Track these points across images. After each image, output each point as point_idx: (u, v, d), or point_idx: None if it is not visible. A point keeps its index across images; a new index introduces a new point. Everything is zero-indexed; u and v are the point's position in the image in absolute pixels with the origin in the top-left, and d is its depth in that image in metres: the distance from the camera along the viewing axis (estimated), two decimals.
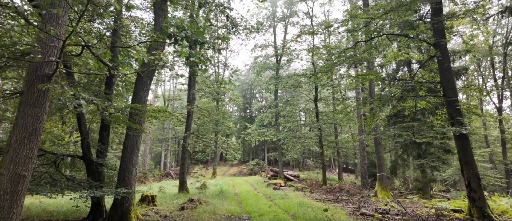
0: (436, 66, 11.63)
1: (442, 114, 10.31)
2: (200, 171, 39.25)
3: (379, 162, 16.41)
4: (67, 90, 3.90)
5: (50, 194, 6.16)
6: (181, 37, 3.99)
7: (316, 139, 25.56)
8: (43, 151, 8.52)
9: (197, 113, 18.88)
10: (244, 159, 48.61)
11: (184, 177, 15.98)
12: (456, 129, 8.34)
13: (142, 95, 8.81)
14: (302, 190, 18.71)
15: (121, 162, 8.46)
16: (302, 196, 15.47)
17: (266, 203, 12.76)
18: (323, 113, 26.38)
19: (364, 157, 20.97)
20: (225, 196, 14.60)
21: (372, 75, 10.89)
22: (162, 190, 17.24)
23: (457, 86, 13.77)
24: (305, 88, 26.87)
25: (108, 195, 7.59)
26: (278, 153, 27.03)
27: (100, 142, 9.56)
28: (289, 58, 27.96)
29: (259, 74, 28.83)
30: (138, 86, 8.84)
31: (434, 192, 18.33)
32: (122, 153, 8.57)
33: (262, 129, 30.91)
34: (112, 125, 10.97)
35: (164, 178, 27.63)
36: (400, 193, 18.18)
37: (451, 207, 11.53)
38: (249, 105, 51.41)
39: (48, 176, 7.80)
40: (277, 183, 20.65)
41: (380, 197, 15.59)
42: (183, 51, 4.87)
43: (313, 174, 32.02)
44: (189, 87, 16.59)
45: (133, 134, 8.53)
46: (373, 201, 14.66)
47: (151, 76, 8.97)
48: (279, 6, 31.26)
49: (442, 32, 9.67)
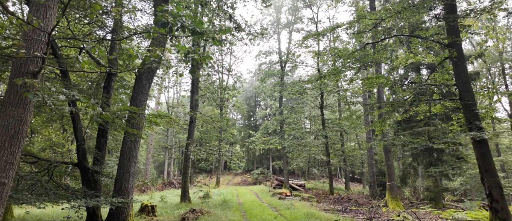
0: (450, 68, 11.10)
1: (457, 119, 9.71)
2: (204, 180, 38.62)
3: (389, 170, 15.73)
4: (48, 86, 3.46)
5: (38, 204, 5.67)
6: (176, 26, 3.55)
7: (322, 147, 24.90)
8: (36, 158, 8.10)
9: (200, 120, 18.43)
10: (248, 168, 47.86)
11: (186, 186, 15.43)
12: (477, 133, 7.75)
13: (140, 99, 8.38)
14: (309, 199, 18.01)
15: (118, 170, 7.98)
16: (309, 206, 14.81)
17: (272, 213, 12.14)
18: (329, 121, 25.77)
19: (373, 166, 20.26)
20: (229, 206, 14.00)
21: (382, 78, 10.37)
22: (164, 199, 16.70)
23: None
24: (311, 94, 26.36)
25: (103, 205, 7.09)
26: (283, 161, 26.38)
27: (97, 148, 9.10)
28: (294, 65, 27.54)
29: (264, 81, 28.37)
30: (137, 89, 8.42)
31: (446, 202, 17.53)
32: (119, 160, 8.11)
33: (267, 136, 30.34)
34: (111, 131, 10.54)
35: (166, 187, 27.06)
36: (410, 203, 17.40)
37: (468, 218, 10.83)
38: (253, 113, 50.89)
39: (40, 184, 7.34)
40: (282, 192, 19.99)
41: (391, 207, 14.86)
42: (181, 45, 4.43)
43: (319, 184, 31.21)
44: (192, 93, 16.17)
45: (130, 139, 8.08)
46: (384, 211, 13.95)
47: (150, 78, 8.55)
48: (284, 13, 31.02)
49: (457, 31, 9.16)
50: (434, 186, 16.30)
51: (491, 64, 25.04)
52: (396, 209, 14.56)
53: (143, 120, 8.36)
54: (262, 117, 46.12)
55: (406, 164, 17.89)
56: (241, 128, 50.40)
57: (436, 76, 9.71)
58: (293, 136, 25.37)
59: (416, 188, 20.81)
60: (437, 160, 15.67)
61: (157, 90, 27.20)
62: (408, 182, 17.81)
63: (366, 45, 10.32)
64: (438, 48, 10.24)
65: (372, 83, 10.24)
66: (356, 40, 12.57)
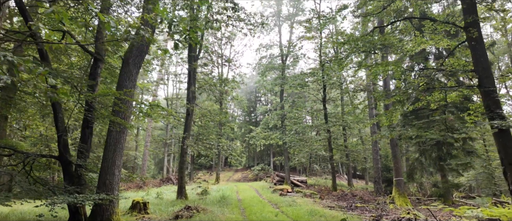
0: (466, 53, 10.28)
1: (475, 108, 8.90)
2: (204, 176, 37.96)
3: (396, 165, 14.95)
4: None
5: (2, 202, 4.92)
6: None
7: (324, 142, 24.13)
8: (12, 150, 7.35)
9: (198, 114, 17.62)
10: (249, 164, 47.14)
11: (182, 182, 14.69)
12: (501, 122, 6.94)
13: (127, 86, 7.60)
14: (311, 196, 17.27)
15: (102, 163, 7.23)
16: (311, 203, 14.06)
17: (272, 211, 11.40)
18: (332, 114, 24.94)
19: (378, 161, 19.48)
20: (227, 203, 13.26)
21: (392, 65, 9.56)
22: (160, 196, 15.98)
23: None
24: (313, 88, 25.54)
25: (83, 203, 6.34)
26: (284, 157, 25.61)
27: (82, 140, 8.34)
28: (295, 58, 26.66)
29: (264, 75, 27.52)
30: (123, 74, 7.64)
31: (455, 198, 16.76)
32: (103, 152, 7.35)
33: (267, 132, 29.55)
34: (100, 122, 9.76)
35: (164, 183, 26.35)
36: (417, 200, 16.62)
37: (484, 216, 10.05)
38: (253, 108, 50.06)
39: (15, 180, 6.60)
40: (283, 188, 19.24)
41: (398, 204, 14.10)
42: (159, 9, 3.64)
43: (321, 180, 30.46)
44: (189, 84, 15.34)
45: (116, 130, 7.31)
46: (391, 208, 13.19)
47: (138, 62, 7.76)
48: (285, 4, 30.08)
49: (475, 10, 8.33)
50: (443, 182, 15.52)
51: (501, 56, 24.18)
52: (403, 206, 13.80)
53: (130, 109, 7.59)
54: (263, 112, 45.29)
55: (412, 159, 17.10)
56: (242, 124, 49.65)
57: (451, 62, 8.88)
58: (294, 130, 24.57)
59: (422, 184, 20.02)
60: (447, 155, 14.88)
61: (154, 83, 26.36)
62: (415, 178, 17.03)
63: (375, 29, 9.50)
64: (453, 31, 9.39)
65: (379, 71, 9.41)
66: (361, 27, 11.73)
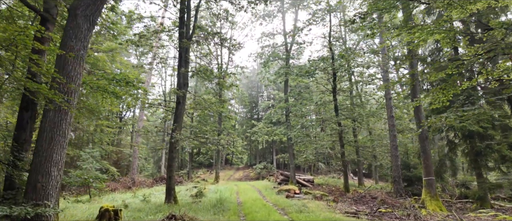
0: None
1: None
2: (204, 175, 35.71)
3: (426, 162, 12.55)
4: None
5: None
6: None
7: (335, 136, 21.74)
8: None
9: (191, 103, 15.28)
10: (250, 163, 44.77)
11: (171, 182, 12.38)
12: None
13: (73, 46, 5.25)
14: (322, 198, 14.89)
15: (33, 158, 4.89)
16: (326, 207, 11.69)
17: (280, 219, 9.07)
18: (342, 106, 22.53)
19: (397, 157, 17.09)
20: (224, 208, 10.93)
21: (438, 29, 7.13)
22: (147, 198, 13.72)
23: None
24: (322, 77, 23.15)
25: None
26: (289, 154, 23.24)
27: (18, 127, 6.04)
28: (301, 45, 24.15)
29: (267, 66, 25.03)
30: (69, 30, 5.28)
31: (494, 201, 14.34)
32: (36, 142, 5.02)
33: (271, 127, 27.20)
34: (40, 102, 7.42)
35: (158, 182, 24.06)
36: (447, 203, 14.23)
37: None
38: (255, 104, 47.63)
39: None
40: (290, 189, 16.89)
41: (431, 209, 11.70)
42: None
43: (329, 179, 28.07)
44: (179, 67, 12.97)
45: (53, 110, 4.98)
46: (424, 214, 10.82)
47: (90, 14, 5.39)
48: None
49: None
50: (480, 182, 13.11)
51: None
52: (437, 211, 11.41)
53: (78, 80, 5.25)
54: (265, 108, 42.88)
55: (441, 155, 14.69)
56: (244, 121, 47.32)
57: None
58: (301, 124, 22.16)
59: (449, 183, 17.56)
60: (486, 149, 12.49)
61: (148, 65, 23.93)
62: (444, 177, 14.62)
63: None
64: None
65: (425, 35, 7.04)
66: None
